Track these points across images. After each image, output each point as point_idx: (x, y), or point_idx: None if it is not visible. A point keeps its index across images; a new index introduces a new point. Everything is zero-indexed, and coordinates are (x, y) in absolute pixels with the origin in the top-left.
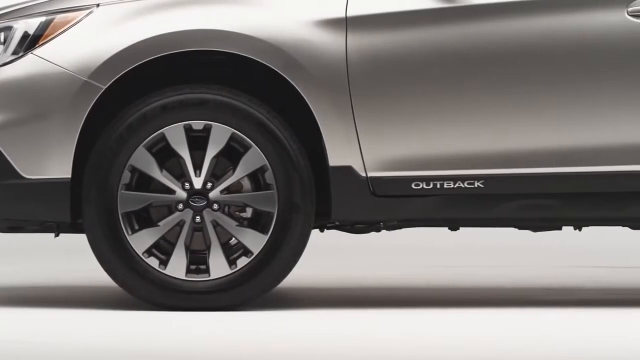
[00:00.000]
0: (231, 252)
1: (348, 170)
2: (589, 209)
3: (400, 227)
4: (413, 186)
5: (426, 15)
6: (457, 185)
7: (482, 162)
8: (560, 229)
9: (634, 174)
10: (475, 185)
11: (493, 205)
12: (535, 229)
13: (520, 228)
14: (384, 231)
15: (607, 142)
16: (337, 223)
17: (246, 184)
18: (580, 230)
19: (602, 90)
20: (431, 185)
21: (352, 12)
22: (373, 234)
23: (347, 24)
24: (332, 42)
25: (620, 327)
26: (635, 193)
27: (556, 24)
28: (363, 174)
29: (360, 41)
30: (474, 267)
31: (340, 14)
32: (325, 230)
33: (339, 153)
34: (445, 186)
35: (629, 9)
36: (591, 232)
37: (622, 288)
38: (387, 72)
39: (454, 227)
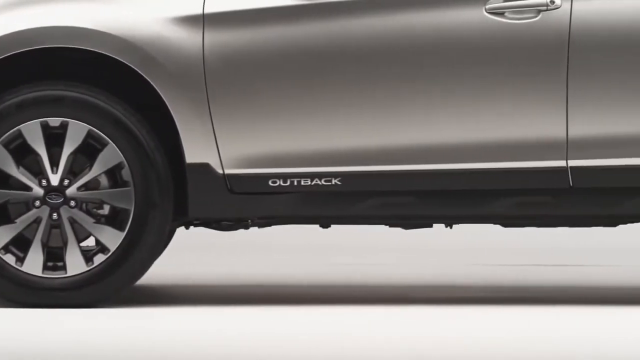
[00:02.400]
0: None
1: (205, 167)
2: (446, 207)
3: (269, 225)
4: (270, 183)
5: (283, 12)
6: (314, 182)
7: (339, 159)
8: (430, 226)
9: (490, 171)
10: (333, 183)
11: (351, 202)
12: (406, 226)
13: (389, 225)
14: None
15: (464, 139)
16: (196, 220)
17: (104, 181)
18: (450, 228)
19: (460, 87)
20: (288, 183)
21: (209, 9)
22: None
23: (204, 21)
24: (189, 39)
25: (542, 326)
26: (491, 190)
27: (414, 21)
28: (220, 171)
29: (217, 38)
30: (383, 265)
31: (198, 10)
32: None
33: (196, 150)
34: (302, 183)
35: (487, 6)
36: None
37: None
38: (243, 70)
39: (324, 225)
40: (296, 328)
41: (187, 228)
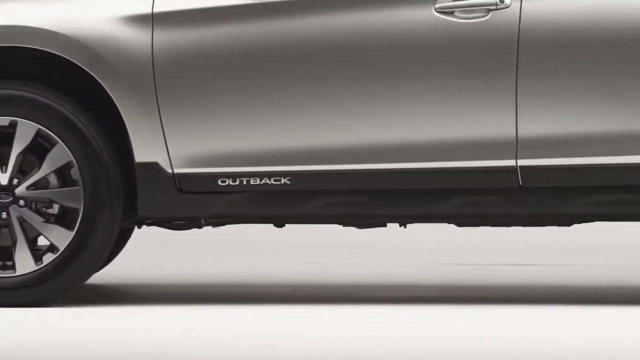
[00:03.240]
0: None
1: (154, 166)
2: (397, 206)
3: (224, 224)
4: (219, 182)
5: (231, 11)
6: (263, 181)
7: (289, 158)
8: (384, 225)
9: (440, 170)
10: (282, 182)
11: (301, 201)
12: (360, 225)
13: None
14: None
15: (414, 138)
16: (147, 220)
17: (53, 180)
18: (405, 227)
19: (410, 86)
20: (237, 182)
21: (158, 9)
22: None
23: (153, 20)
24: (138, 38)
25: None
26: (441, 190)
27: (364, 20)
28: (169, 171)
29: (166, 38)
30: (334, 265)
31: (147, 10)
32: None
33: (145, 149)
34: (251, 182)
35: (437, 6)
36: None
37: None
38: (192, 69)
39: (279, 224)
40: (271, 328)
41: (139, 227)
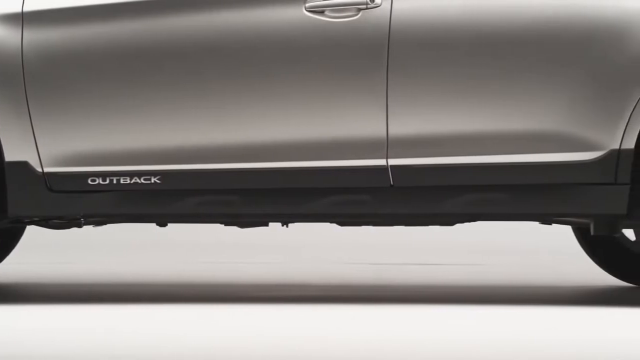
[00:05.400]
0: None
1: (24, 165)
2: (268, 205)
3: (105, 223)
4: (89, 182)
5: (101, 10)
6: (133, 181)
7: (159, 158)
8: (266, 224)
9: (311, 170)
10: (152, 181)
11: (171, 201)
12: (241, 225)
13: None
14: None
15: (285, 137)
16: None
17: None
18: (287, 226)
19: (281, 86)
20: (108, 181)
21: (28, 8)
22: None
23: (23, 19)
24: (8, 37)
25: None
26: (313, 189)
27: (235, 19)
28: (39, 170)
29: (35, 36)
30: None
31: (17, 9)
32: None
33: (15, 148)
34: (122, 182)
35: (307, 5)
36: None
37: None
38: (62, 68)
39: (161, 224)
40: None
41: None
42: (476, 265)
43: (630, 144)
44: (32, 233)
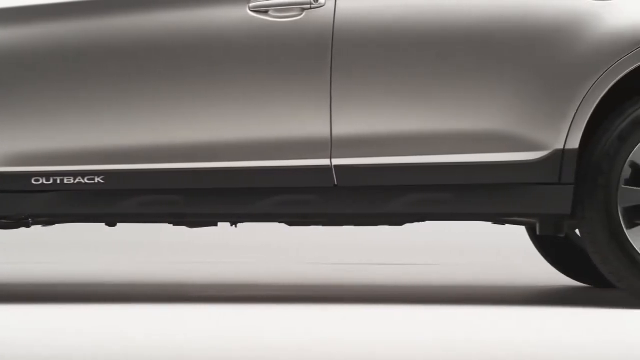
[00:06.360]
0: None
1: None
2: (212, 205)
3: (54, 223)
4: (33, 182)
5: (43, 11)
6: (77, 181)
7: (102, 158)
8: (215, 224)
9: (255, 170)
10: (96, 181)
11: (115, 201)
12: (190, 225)
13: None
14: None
15: (228, 138)
16: None
17: None
18: (235, 226)
19: (225, 86)
20: (51, 181)
21: None
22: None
23: None
24: None
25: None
26: (257, 189)
27: (179, 19)
28: None
29: None
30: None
31: None
32: None
33: None
34: (65, 182)
35: (251, 5)
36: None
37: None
38: (4, 68)
39: (110, 224)
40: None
41: None
42: (432, 265)
43: (574, 143)
44: None
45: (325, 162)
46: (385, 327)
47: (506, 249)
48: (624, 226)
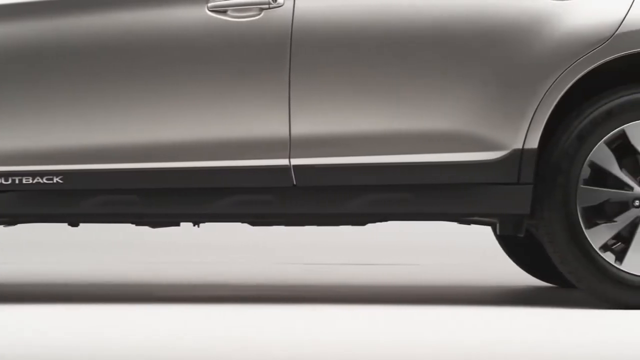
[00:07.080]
0: None
1: None
2: (169, 205)
3: (15, 223)
4: None
5: (6, 11)
6: (35, 180)
7: (61, 158)
8: (177, 224)
9: (213, 169)
10: (55, 181)
11: (74, 200)
12: (152, 225)
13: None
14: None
15: (186, 137)
16: None
17: None
18: (198, 226)
19: (183, 86)
20: (10, 181)
21: None
22: None
23: None
24: None
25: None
26: (215, 189)
27: (137, 19)
28: None
29: None
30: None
31: None
32: None
33: None
34: (24, 182)
35: (209, 5)
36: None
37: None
38: None
39: (73, 224)
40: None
41: None
42: (403, 265)
43: (533, 143)
44: None
45: (284, 162)
46: (372, 328)
47: (479, 250)
48: (583, 226)
